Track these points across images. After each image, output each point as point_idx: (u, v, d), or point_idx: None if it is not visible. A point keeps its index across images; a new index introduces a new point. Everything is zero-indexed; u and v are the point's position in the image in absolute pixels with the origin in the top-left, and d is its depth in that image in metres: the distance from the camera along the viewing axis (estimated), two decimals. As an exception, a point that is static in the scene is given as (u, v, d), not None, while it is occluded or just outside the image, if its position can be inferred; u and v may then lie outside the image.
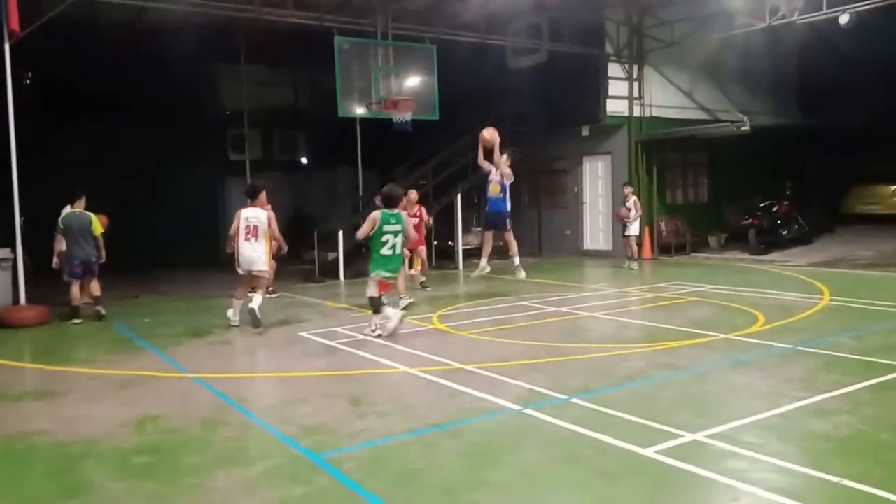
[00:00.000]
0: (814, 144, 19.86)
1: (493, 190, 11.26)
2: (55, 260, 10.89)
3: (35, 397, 6.61)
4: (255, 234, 9.38)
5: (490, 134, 11.20)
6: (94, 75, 16.48)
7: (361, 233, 8.61)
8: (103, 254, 10.83)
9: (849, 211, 21.80)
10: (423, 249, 13.06)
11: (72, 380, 7.15)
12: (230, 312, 9.65)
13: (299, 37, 15.28)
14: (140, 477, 4.52)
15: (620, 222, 15.78)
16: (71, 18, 12.26)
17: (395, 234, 8.50)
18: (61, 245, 10.75)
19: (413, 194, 12.59)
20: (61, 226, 10.54)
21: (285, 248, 10.44)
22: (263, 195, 9.99)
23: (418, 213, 12.84)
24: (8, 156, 10.38)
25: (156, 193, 18.38)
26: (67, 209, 10.75)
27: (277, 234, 9.93)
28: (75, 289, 10.56)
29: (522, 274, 11.52)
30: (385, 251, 8.49)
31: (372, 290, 8.55)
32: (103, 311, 10.63)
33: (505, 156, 11.30)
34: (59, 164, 15.78)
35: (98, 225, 10.72)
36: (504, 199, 11.24)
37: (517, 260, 11.51)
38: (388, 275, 8.59)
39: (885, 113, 20.73)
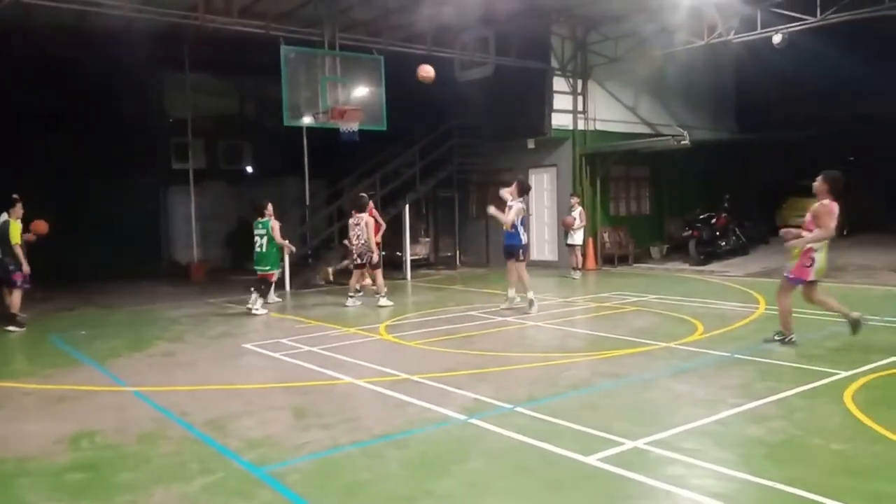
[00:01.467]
0: (751, 158, 20.57)
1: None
2: None
3: (-37, 414, 6.34)
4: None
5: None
6: (33, 82, 15.97)
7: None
8: (22, 263, 10.26)
9: (783, 223, 22.54)
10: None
11: (5, 395, 6.88)
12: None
13: (245, 45, 15.11)
14: (74, 495, 4.38)
15: (566, 229, 16.05)
16: (5, 23, 11.89)
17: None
18: None
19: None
20: None
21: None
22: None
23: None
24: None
25: (97, 203, 17.88)
26: (4, 216, 10.42)
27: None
28: None
29: (533, 309, 10.84)
30: None
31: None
32: (9, 327, 10.24)
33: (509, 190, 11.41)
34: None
35: (15, 233, 10.25)
36: (516, 233, 11.21)
37: (511, 292, 11.32)
38: None
39: (817, 128, 21.62)
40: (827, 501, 3.96)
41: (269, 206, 12.36)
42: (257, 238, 12.09)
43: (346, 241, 13.19)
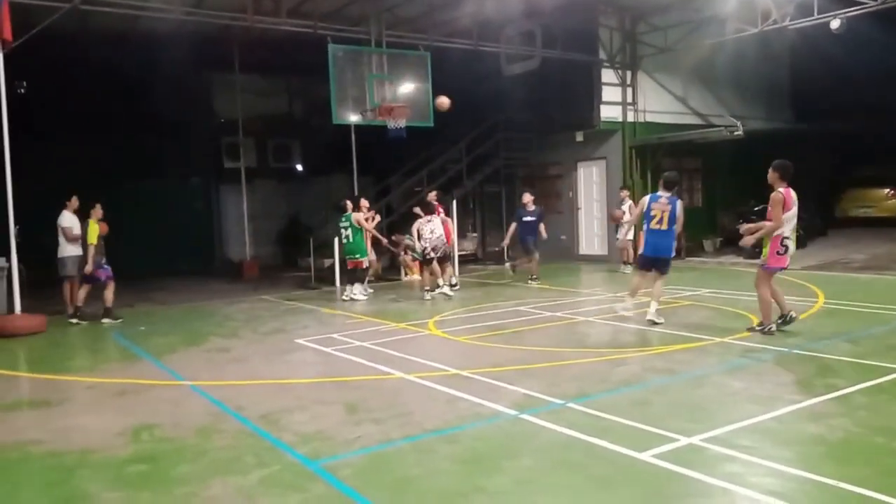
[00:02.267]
0: (807, 148, 19.94)
1: (658, 217, 9.09)
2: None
3: (30, 407, 6.60)
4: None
5: None
6: (88, 85, 16.48)
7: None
8: (88, 261, 11.02)
9: (842, 214, 21.92)
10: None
11: (67, 389, 7.13)
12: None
13: (293, 45, 15.31)
14: (135, 487, 4.51)
15: (613, 223, 15.85)
16: (63, 29, 12.26)
17: None
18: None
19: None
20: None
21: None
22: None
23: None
24: (2, 165, 10.37)
25: (151, 203, 18.38)
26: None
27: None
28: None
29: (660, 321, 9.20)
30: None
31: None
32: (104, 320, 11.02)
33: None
34: (53, 174, 15.75)
35: (92, 234, 10.99)
36: (670, 231, 9.08)
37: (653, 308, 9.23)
38: None
39: (877, 117, 20.85)
40: (891, 501, 3.83)
41: (348, 203, 13.11)
42: (343, 231, 12.98)
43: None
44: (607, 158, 17.95)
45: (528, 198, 14.56)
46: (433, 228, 12.83)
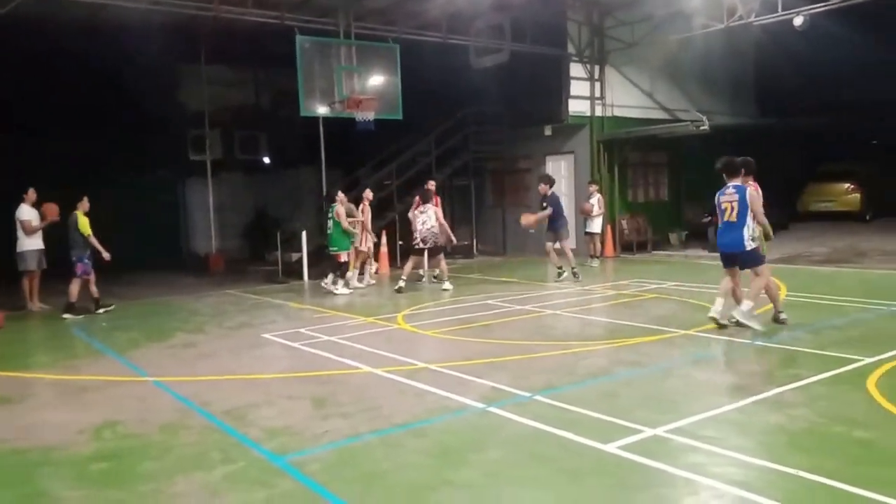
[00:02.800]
0: (771, 144, 20.29)
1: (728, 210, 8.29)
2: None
3: (-11, 404, 6.44)
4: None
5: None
6: (51, 77, 16.09)
7: None
8: (100, 251, 11.10)
9: (804, 209, 22.35)
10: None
11: (29, 386, 6.99)
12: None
13: (260, 36, 15.14)
14: (98, 484, 4.44)
15: (583, 216, 15.97)
16: (26, 18, 11.95)
17: None
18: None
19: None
20: None
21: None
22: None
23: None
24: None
25: (116, 196, 18.02)
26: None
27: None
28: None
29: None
30: None
31: None
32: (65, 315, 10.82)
33: None
34: (13, 167, 15.36)
35: (84, 225, 10.96)
36: (739, 223, 8.10)
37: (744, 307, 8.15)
38: None
39: (839, 113, 21.31)
40: (850, 489, 3.93)
41: (341, 194, 12.90)
42: (328, 221, 12.76)
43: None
44: (575, 152, 18.05)
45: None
46: (425, 220, 12.68)
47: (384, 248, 15.91)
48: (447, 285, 12.50)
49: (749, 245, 8.02)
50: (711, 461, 4.41)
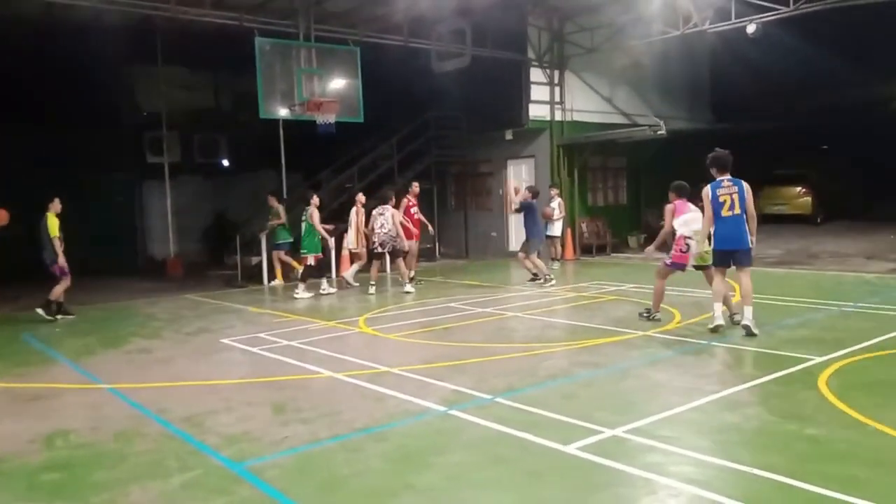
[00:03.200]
0: (726, 148, 20.71)
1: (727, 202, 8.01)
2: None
3: (-66, 415, 6.22)
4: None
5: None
6: (6, 74, 15.65)
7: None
8: (58, 255, 10.73)
9: (758, 211, 22.80)
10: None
11: (-25, 395, 6.77)
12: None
13: (219, 38, 14.94)
14: (49, 496, 4.33)
15: (545, 220, 16.09)
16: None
17: None
18: None
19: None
20: None
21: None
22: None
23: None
24: None
25: (71, 198, 17.54)
26: None
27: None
28: None
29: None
30: None
31: None
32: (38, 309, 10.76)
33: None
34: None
35: (53, 227, 10.78)
36: (741, 216, 7.89)
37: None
38: None
39: (791, 118, 21.86)
40: (802, 486, 4.02)
41: (315, 197, 12.92)
42: (301, 224, 12.83)
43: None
44: (536, 156, 18.21)
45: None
46: (383, 222, 12.61)
47: (344, 252, 15.82)
48: (409, 288, 12.49)
49: (750, 242, 7.86)
50: (669, 460, 4.48)
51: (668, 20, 15.32)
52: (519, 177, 18.69)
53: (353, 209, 13.50)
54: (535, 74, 17.65)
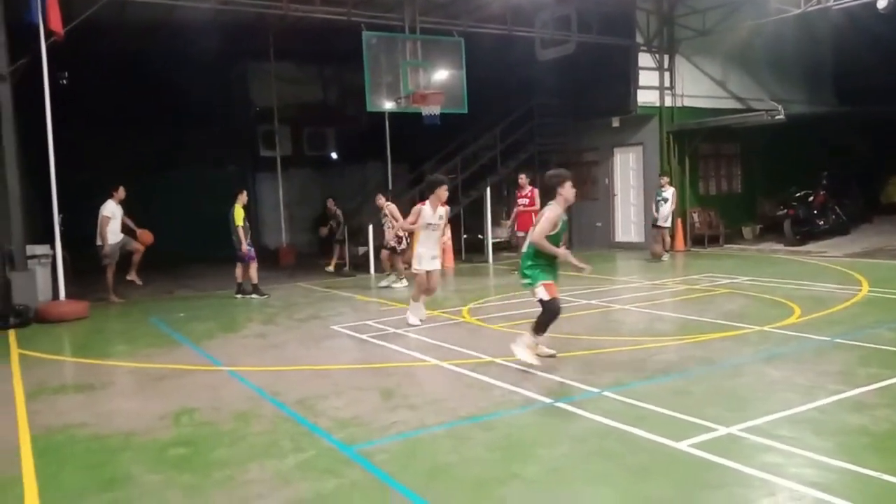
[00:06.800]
0: (851, 133, 19.43)
1: None
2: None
3: (75, 391, 6.76)
4: None
5: None
6: (128, 76, 16.74)
7: None
8: (242, 243, 12.01)
9: (887, 200, 21.32)
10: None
11: (110, 373, 7.30)
12: None
13: (327, 33, 15.36)
14: (176, 469, 4.60)
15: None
16: (102, 20, 12.42)
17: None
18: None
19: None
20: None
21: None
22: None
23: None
24: (45, 155, 10.61)
25: (189, 192, 18.63)
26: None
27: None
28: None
29: None
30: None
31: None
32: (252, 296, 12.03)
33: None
34: (91, 163, 16.06)
35: (238, 217, 12.05)
36: None
37: None
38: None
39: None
40: (939, 495, 3.73)
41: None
42: (383, 219, 13.23)
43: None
44: (644, 144, 17.71)
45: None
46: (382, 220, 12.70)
47: (448, 243, 15.95)
48: (385, 283, 12.71)
49: None
50: (788, 461, 4.27)
51: (786, -2, 14.49)
52: (626, 165, 18.27)
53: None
54: (644, 59, 17.14)
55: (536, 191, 13.91)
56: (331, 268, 15.29)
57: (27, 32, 10.66)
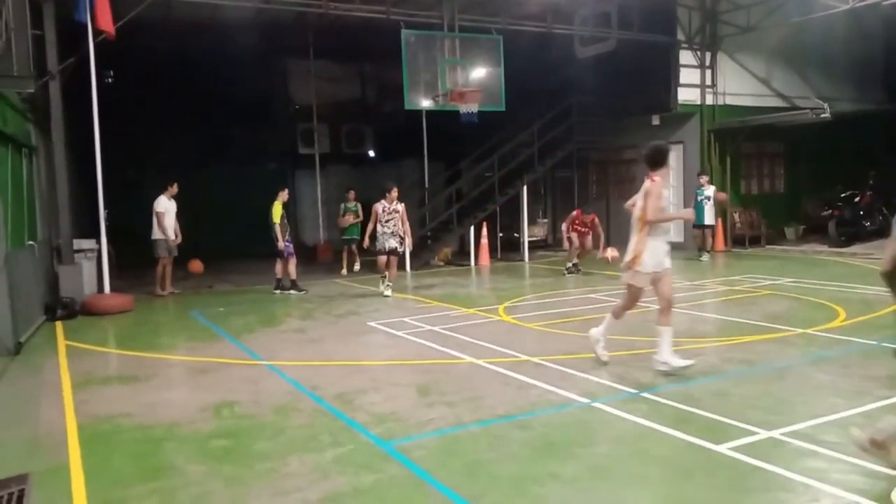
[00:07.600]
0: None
1: None
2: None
3: (120, 382, 6.92)
4: None
5: None
6: (171, 74, 17.01)
7: None
8: (278, 240, 12.17)
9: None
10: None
11: (154, 366, 7.45)
12: None
13: (366, 31, 15.44)
14: (218, 460, 4.68)
15: (719, 204, 15.53)
16: (147, 19, 12.68)
17: None
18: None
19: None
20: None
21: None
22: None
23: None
24: (92, 152, 10.87)
25: (229, 189, 18.90)
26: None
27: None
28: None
29: None
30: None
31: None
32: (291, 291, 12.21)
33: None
34: (135, 160, 16.39)
35: (276, 214, 12.28)
36: None
37: None
38: None
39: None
40: None
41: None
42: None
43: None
44: (685, 143, 17.47)
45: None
46: (397, 221, 11.69)
47: (484, 241, 15.95)
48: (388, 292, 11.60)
49: None
50: (833, 467, 4.18)
51: (834, -7, 14.16)
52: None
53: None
54: (685, 57, 16.90)
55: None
56: (345, 271, 15.12)
57: (74, 32, 10.93)
